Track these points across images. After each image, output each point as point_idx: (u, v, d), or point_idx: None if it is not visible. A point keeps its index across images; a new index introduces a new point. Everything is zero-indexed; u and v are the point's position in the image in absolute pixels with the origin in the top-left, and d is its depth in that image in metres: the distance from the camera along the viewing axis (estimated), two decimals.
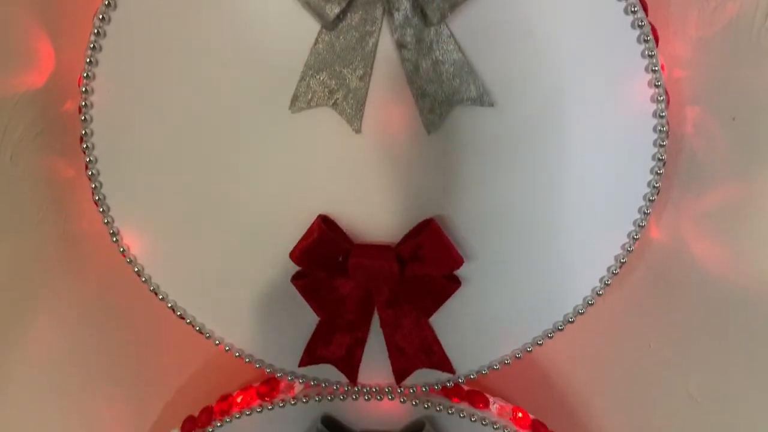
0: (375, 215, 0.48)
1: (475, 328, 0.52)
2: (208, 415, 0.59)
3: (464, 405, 0.57)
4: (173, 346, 0.61)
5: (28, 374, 0.57)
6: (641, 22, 0.42)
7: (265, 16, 0.43)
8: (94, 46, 0.44)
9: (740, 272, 0.50)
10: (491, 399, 0.58)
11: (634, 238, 0.48)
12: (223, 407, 0.59)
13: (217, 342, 0.53)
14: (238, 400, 0.58)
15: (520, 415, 0.58)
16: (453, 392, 0.57)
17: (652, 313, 0.55)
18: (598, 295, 0.50)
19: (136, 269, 0.50)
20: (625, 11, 0.42)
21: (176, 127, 0.46)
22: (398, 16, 0.42)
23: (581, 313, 0.50)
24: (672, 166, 0.49)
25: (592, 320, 0.59)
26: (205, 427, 0.59)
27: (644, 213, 0.47)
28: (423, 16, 0.42)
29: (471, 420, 0.56)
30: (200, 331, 0.53)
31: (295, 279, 0.50)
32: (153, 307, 0.53)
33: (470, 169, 0.46)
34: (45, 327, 0.55)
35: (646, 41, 0.42)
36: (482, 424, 0.56)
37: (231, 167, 0.47)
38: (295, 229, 0.48)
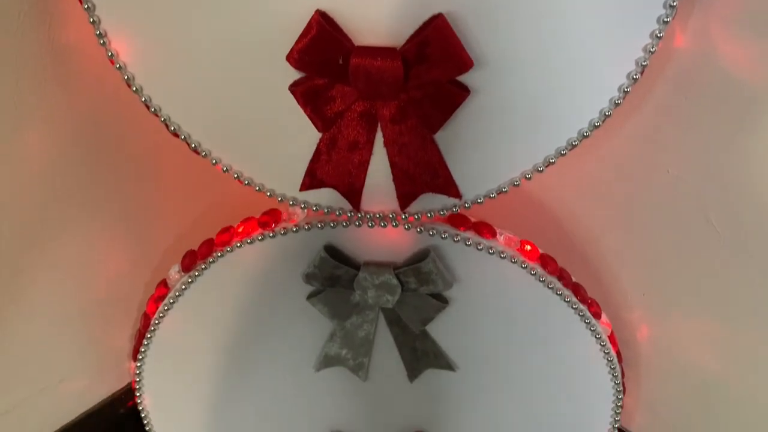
0: (377, 13, 0.45)
1: (483, 148, 0.50)
2: (208, 246, 0.58)
3: (470, 234, 0.55)
4: (174, 176, 0.59)
5: (14, 201, 0.55)
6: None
7: None
8: None
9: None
10: (498, 230, 0.56)
11: (657, 36, 0.44)
12: (224, 238, 0.57)
13: (215, 162, 0.51)
14: (240, 230, 0.57)
15: (528, 248, 0.56)
16: (459, 222, 0.55)
17: (671, 137, 0.52)
18: (617, 105, 0.47)
19: (126, 77, 0.48)
20: None
21: None
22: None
23: (597, 126, 0.47)
24: None
25: (606, 151, 0.56)
26: (205, 259, 0.58)
27: (670, 6, 0.43)
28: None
29: (477, 249, 0.54)
30: (196, 150, 0.51)
31: (294, 86, 0.47)
32: (149, 128, 0.51)
33: None
34: (32, 145, 0.52)
35: None
36: (488, 253, 0.54)
37: None
38: (292, 29, 0.44)
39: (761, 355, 0.57)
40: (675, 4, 0.43)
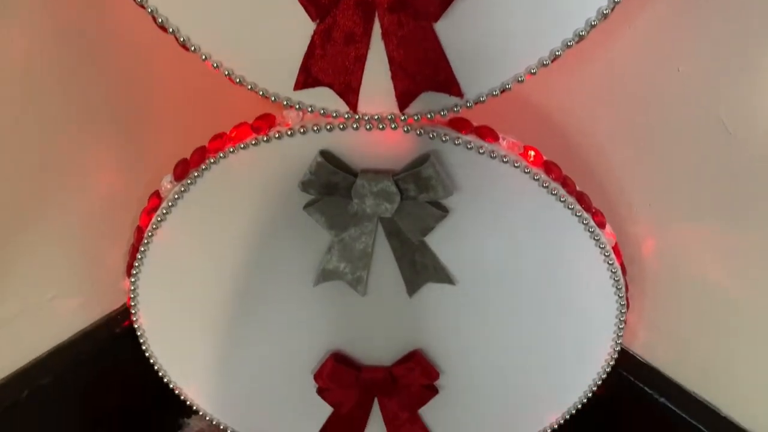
0: None
1: (486, 40, 0.47)
2: (201, 154, 0.56)
3: (472, 137, 0.53)
4: (165, 82, 0.57)
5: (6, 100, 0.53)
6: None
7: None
8: None
9: None
10: (501, 135, 0.54)
11: None
12: (216, 145, 0.56)
13: (204, 57, 0.49)
14: (232, 135, 0.55)
15: (532, 153, 0.55)
16: (460, 126, 0.53)
17: (681, 33, 0.50)
18: None
19: None
20: None
21: None
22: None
23: (606, 15, 0.45)
24: None
25: (613, 52, 0.54)
26: (198, 167, 0.56)
27: None
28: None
29: (479, 152, 0.52)
30: (185, 45, 0.48)
31: None
32: (140, 27, 0.48)
33: None
34: (16, 47, 0.49)
35: None
36: (490, 157, 0.53)
37: None
38: None
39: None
40: None
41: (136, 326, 0.66)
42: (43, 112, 0.56)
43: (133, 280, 0.63)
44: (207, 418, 0.74)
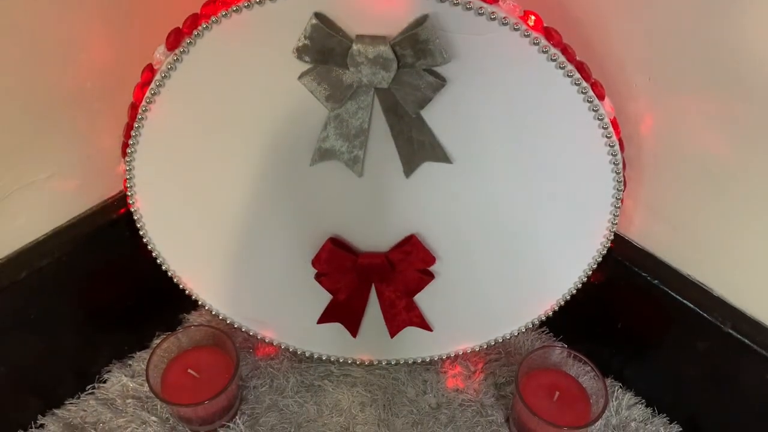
0: None
1: None
2: (194, 20, 0.55)
3: None
4: None
5: None
6: None
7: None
8: None
9: None
10: None
11: None
12: (209, 10, 0.54)
13: None
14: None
15: (532, 17, 0.53)
16: None
17: None
18: None
19: None
20: None
21: None
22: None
23: None
24: None
25: None
26: (191, 34, 0.55)
27: None
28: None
29: (478, 13, 0.51)
30: None
31: None
32: None
33: None
34: None
35: None
36: (489, 18, 0.51)
37: None
38: None
39: None
40: None
41: (133, 211, 0.66)
42: None
43: (128, 160, 0.62)
44: (207, 308, 0.75)
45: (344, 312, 0.74)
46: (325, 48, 0.53)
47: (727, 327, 0.63)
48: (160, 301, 0.79)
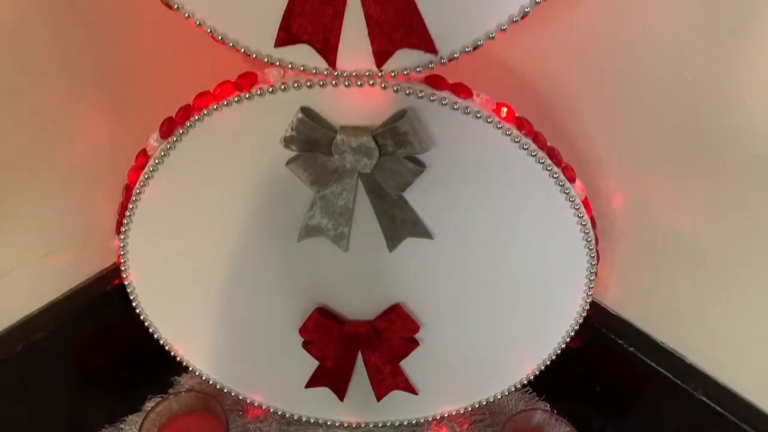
0: None
1: None
2: (186, 112, 0.58)
3: (447, 93, 0.55)
4: (151, 45, 0.59)
5: None
6: None
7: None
8: None
9: None
10: (475, 92, 0.56)
11: None
12: (200, 103, 0.57)
13: (187, 15, 0.51)
14: (216, 93, 0.57)
15: (504, 110, 0.57)
16: (436, 83, 0.55)
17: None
18: None
19: None
20: None
21: None
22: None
23: None
24: None
25: (581, 9, 0.56)
26: (183, 125, 0.58)
27: None
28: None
29: (453, 108, 0.55)
30: (168, 3, 0.50)
31: None
32: None
33: None
34: (3, 7, 0.51)
35: None
36: (464, 112, 0.55)
37: None
38: None
39: (736, 214, 0.58)
40: None
41: (126, 284, 0.69)
42: (32, 69, 0.58)
43: (122, 237, 0.65)
44: (197, 374, 0.77)
45: (331, 377, 0.76)
46: (311, 138, 0.56)
47: (699, 394, 0.66)
48: (152, 365, 0.81)
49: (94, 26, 0.58)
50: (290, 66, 0.53)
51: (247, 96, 0.55)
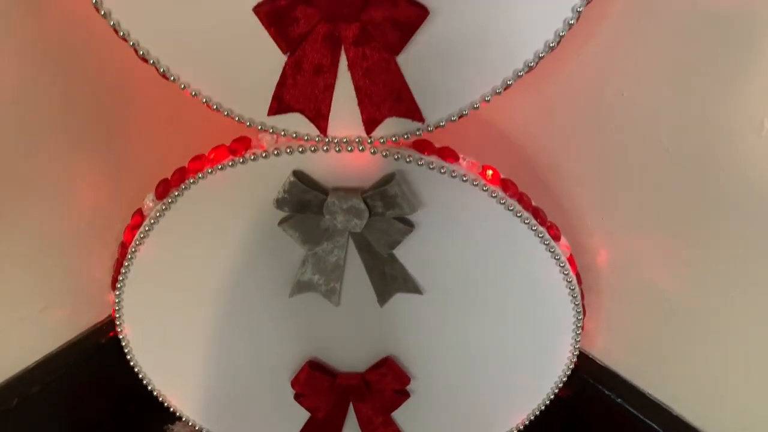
0: None
1: (444, 70, 0.51)
2: (181, 174, 0.60)
3: (434, 158, 0.57)
4: (147, 109, 0.61)
5: None
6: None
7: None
8: None
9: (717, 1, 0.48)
10: (461, 155, 0.58)
11: None
12: (195, 166, 0.59)
13: (183, 87, 0.52)
14: (211, 157, 0.59)
15: (490, 172, 0.59)
16: (423, 147, 0.57)
17: (624, 60, 0.54)
18: (570, 25, 0.48)
19: (94, 2, 0.49)
20: None
21: None
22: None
23: (553, 48, 0.49)
24: None
25: (563, 76, 0.58)
26: (178, 187, 0.59)
27: None
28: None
29: (440, 172, 0.57)
30: (165, 75, 0.52)
31: (257, 8, 0.48)
32: (122, 57, 0.52)
33: None
34: (3, 75, 0.54)
35: None
36: (451, 176, 0.57)
37: None
38: None
39: (714, 270, 0.60)
40: None
41: (120, 337, 0.70)
42: (32, 129, 0.59)
43: (117, 293, 0.66)
44: (190, 424, 0.77)
45: (323, 428, 0.76)
46: (303, 201, 0.58)
47: None
48: (145, 414, 0.81)
49: (94, 90, 0.60)
50: (283, 133, 0.55)
51: (241, 161, 0.57)
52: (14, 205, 0.62)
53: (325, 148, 0.56)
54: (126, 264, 0.64)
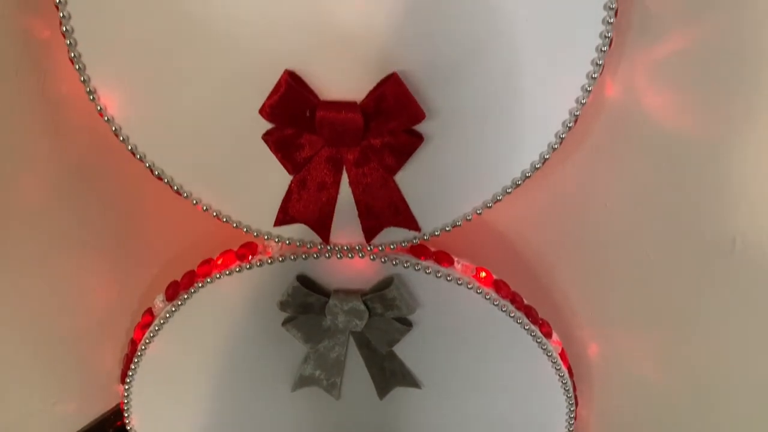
0: (340, 71, 0.50)
1: (438, 186, 0.55)
2: (190, 278, 0.63)
3: (430, 263, 0.60)
4: (158, 216, 0.65)
5: (10, 239, 0.61)
6: None
7: None
8: None
9: (691, 124, 0.53)
10: (456, 259, 0.62)
11: (587, 90, 0.50)
12: (204, 270, 0.62)
13: (195, 202, 0.56)
14: (219, 262, 0.62)
15: (483, 274, 0.62)
16: (419, 252, 0.61)
17: (606, 175, 0.59)
18: (554, 149, 0.52)
19: (113, 129, 0.53)
20: None
21: None
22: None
23: (538, 168, 0.53)
24: (625, 17, 0.50)
25: (550, 187, 0.62)
26: (188, 290, 0.62)
27: (596, 64, 0.49)
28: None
29: (436, 276, 0.60)
30: (179, 192, 0.56)
31: (267, 136, 0.52)
32: (136, 171, 0.56)
33: (429, 22, 0.48)
34: (26, 188, 0.58)
35: None
36: (446, 280, 0.60)
37: (201, 24, 0.49)
38: (264, 87, 0.50)
39: (700, 363, 0.63)
40: (601, 62, 0.49)
41: (128, 428, 0.72)
42: (50, 233, 0.63)
43: (126, 387, 0.69)
44: None
45: None
46: (305, 303, 0.61)
47: None
48: None
49: (109, 198, 0.64)
50: (287, 242, 0.59)
51: (248, 266, 0.60)
52: (28, 301, 0.65)
53: (327, 254, 0.59)
54: (135, 360, 0.66)
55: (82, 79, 0.51)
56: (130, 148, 0.54)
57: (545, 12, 0.47)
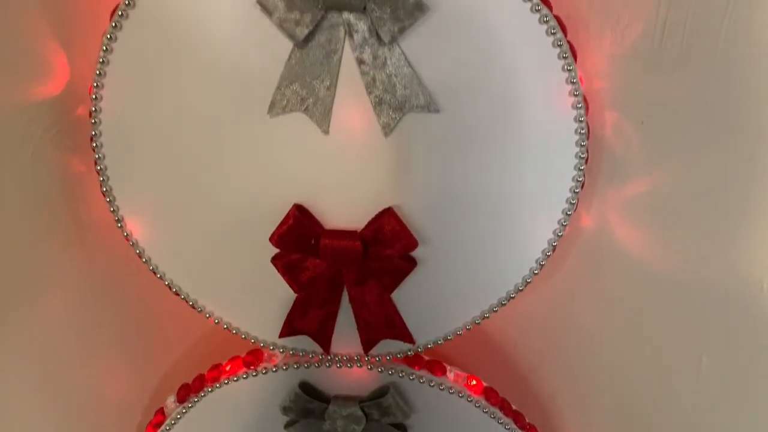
0: (342, 205, 0.56)
1: (431, 304, 0.61)
2: (200, 382, 0.67)
3: (424, 372, 0.65)
4: (171, 322, 0.70)
5: (35, 344, 0.66)
6: (560, 41, 0.50)
7: (245, 37, 0.52)
8: (103, 60, 0.52)
9: (658, 254, 0.58)
10: (448, 367, 0.66)
11: (563, 224, 0.56)
12: (213, 375, 0.67)
13: (208, 315, 0.61)
14: (227, 368, 0.66)
15: (473, 382, 0.66)
16: (414, 361, 0.65)
17: (583, 298, 0.64)
18: (535, 274, 0.58)
19: (137, 251, 0.58)
20: (546, 33, 0.50)
21: (171, 130, 0.54)
22: (357, 38, 0.50)
23: (521, 290, 0.59)
24: (597, 163, 0.57)
25: (534, 299, 0.67)
26: (197, 393, 0.67)
27: (570, 203, 0.55)
28: (378, 37, 0.50)
29: (429, 385, 0.64)
30: (193, 306, 0.61)
31: (275, 260, 0.58)
32: (153, 286, 0.61)
33: (421, 165, 0.54)
34: (53, 299, 0.64)
35: (565, 57, 0.50)
36: (439, 389, 0.64)
37: (218, 164, 0.55)
38: (274, 216, 0.56)
39: None
40: (574, 201, 0.55)
41: None
42: (68, 340, 0.68)
43: None
44: None
45: None
46: (306, 408, 0.65)
47: None
48: None
49: (125, 306, 0.69)
50: (291, 352, 0.63)
51: (254, 373, 0.65)
52: (43, 399, 0.69)
53: (328, 363, 0.64)
54: None
55: (111, 209, 0.57)
56: (151, 268, 0.59)
57: (523, 161, 0.54)
